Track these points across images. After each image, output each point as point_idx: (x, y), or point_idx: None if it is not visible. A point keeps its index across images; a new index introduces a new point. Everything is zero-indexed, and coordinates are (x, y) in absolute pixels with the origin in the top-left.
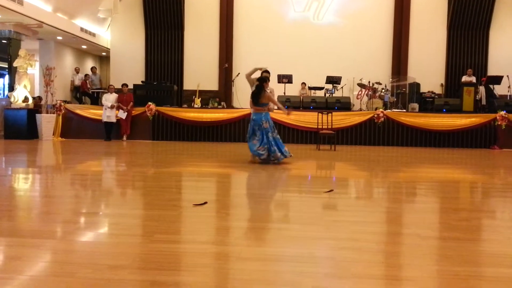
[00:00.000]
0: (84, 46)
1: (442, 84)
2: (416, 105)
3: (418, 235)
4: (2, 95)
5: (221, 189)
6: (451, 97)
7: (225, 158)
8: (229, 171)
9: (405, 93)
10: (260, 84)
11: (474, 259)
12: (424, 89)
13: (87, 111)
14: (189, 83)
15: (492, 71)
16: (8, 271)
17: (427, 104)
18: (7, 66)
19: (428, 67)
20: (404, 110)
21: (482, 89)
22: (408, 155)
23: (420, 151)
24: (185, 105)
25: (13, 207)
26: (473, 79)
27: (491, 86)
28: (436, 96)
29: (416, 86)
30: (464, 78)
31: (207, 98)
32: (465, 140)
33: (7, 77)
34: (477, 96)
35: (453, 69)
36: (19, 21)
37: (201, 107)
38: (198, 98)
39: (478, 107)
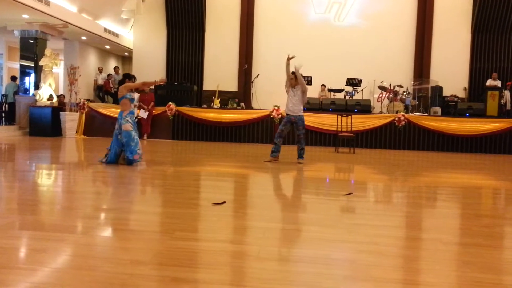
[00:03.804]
0: (107, 46)
1: (465, 88)
2: (438, 109)
3: (439, 240)
4: (28, 93)
5: (239, 189)
6: (474, 101)
7: (244, 159)
8: (247, 171)
9: (427, 96)
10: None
11: (496, 266)
12: (446, 92)
13: (110, 110)
14: (209, 84)
15: None
16: (34, 263)
17: (450, 108)
18: (33, 65)
19: (451, 70)
20: (426, 114)
21: (507, 93)
22: (430, 160)
23: (442, 156)
24: (205, 106)
25: (36, 202)
26: (498, 83)
27: None
28: (459, 100)
29: (438, 89)
30: (489, 82)
31: (226, 99)
32: (489, 146)
33: (33, 75)
34: (502, 101)
35: (477, 73)
36: (46, 21)
37: (220, 108)
38: (218, 99)
39: (502, 112)
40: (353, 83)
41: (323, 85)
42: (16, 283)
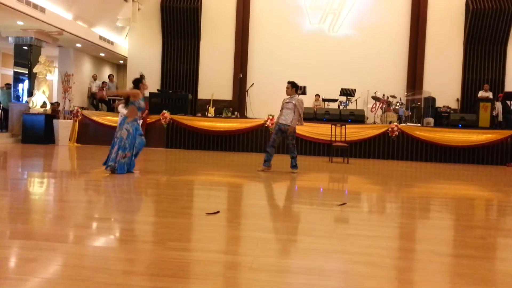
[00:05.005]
0: (102, 54)
1: (458, 99)
2: (431, 120)
3: (432, 251)
4: (21, 100)
5: (233, 199)
6: (467, 112)
7: (238, 168)
8: (241, 181)
9: (420, 107)
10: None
11: (488, 277)
12: (439, 103)
13: (103, 117)
14: (203, 92)
15: (509, 87)
16: (25, 273)
17: (443, 119)
18: (27, 72)
19: (444, 81)
20: (419, 125)
21: (498, 105)
22: (423, 170)
23: (434, 167)
24: (199, 114)
25: (28, 211)
26: (490, 94)
27: (508, 102)
28: (452, 111)
29: (431, 100)
30: (481, 94)
31: (221, 108)
32: (481, 157)
33: (26, 82)
34: (494, 112)
35: (470, 84)
36: (40, 28)
37: (215, 117)
38: (212, 107)
39: (494, 123)
40: (347, 93)
41: (317, 95)
42: None
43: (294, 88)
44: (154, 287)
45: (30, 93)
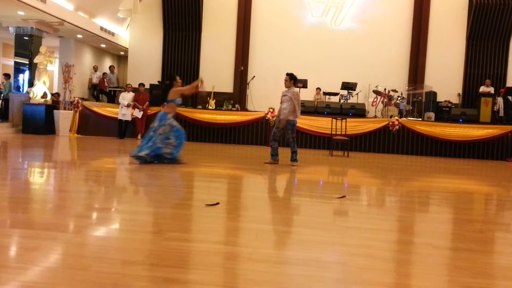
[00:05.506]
0: (103, 45)
1: (459, 94)
2: (432, 114)
3: (431, 244)
4: (21, 90)
5: (233, 191)
6: (468, 107)
7: (238, 160)
8: (241, 173)
9: (421, 101)
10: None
11: (487, 271)
12: (440, 98)
13: (104, 109)
14: (204, 84)
15: (511, 82)
16: (25, 262)
17: (444, 113)
18: (27, 62)
19: (446, 76)
20: (420, 119)
21: (500, 100)
22: (423, 164)
23: (435, 161)
24: (200, 106)
25: (28, 200)
26: (491, 89)
27: (509, 97)
28: (453, 106)
29: (432, 95)
30: (482, 89)
31: (222, 100)
32: (481, 151)
33: (27, 73)
34: (495, 107)
35: (471, 79)
36: (41, 18)
37: (215, 109)
38: (213, 100)
39: (495, 118)
40: (348, 87)
41: (318, 88)
42: (7, 281)
43: (292, 80)
44: (153, 276)
45: (31, 84)
